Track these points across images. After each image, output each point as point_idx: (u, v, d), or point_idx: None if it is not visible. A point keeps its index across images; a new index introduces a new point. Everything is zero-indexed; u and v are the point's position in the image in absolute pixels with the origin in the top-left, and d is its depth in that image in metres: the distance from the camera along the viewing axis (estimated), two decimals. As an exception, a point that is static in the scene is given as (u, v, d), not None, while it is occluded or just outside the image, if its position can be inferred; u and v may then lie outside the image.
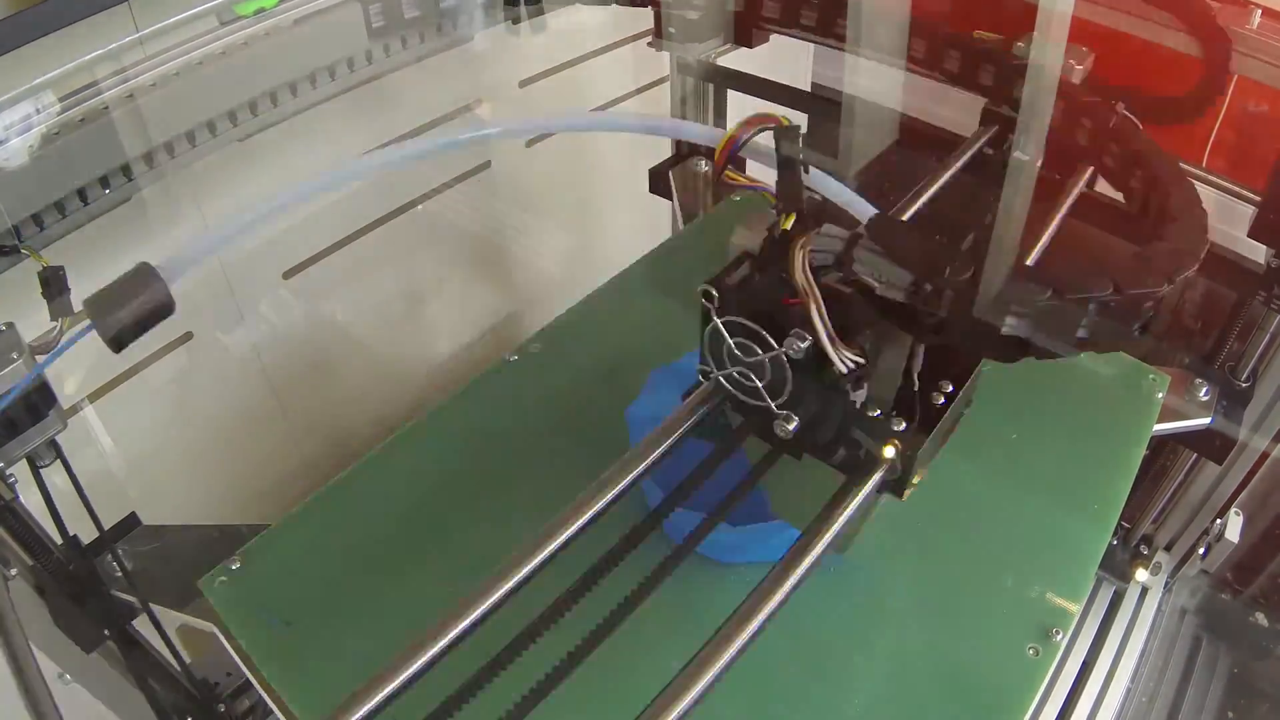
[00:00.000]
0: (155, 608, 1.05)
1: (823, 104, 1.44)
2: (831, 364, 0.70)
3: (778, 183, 0.76)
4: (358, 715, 0.62)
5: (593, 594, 0.70)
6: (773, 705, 0.88)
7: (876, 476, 0.75)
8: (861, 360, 0.71)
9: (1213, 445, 1.23)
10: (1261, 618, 1.61)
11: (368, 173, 0.90)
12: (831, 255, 0.72)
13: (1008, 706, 0.86)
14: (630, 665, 0.75)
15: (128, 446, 1.43)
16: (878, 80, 1.33)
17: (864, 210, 0.78)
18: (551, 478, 0.97)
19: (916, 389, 0.76)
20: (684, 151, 1.68)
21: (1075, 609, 0.93)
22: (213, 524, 1.11)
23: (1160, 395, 1.13)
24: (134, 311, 0.76)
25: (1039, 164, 1.09)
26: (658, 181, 1.66)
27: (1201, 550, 1.55)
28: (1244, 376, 1.24)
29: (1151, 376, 1.14)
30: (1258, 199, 1.11)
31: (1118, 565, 1.60)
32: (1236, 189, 1.20)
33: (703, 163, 1.66)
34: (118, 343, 0.77)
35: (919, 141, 1.28)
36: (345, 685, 0.63)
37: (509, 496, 1.02)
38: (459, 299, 1.97)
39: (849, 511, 0.74)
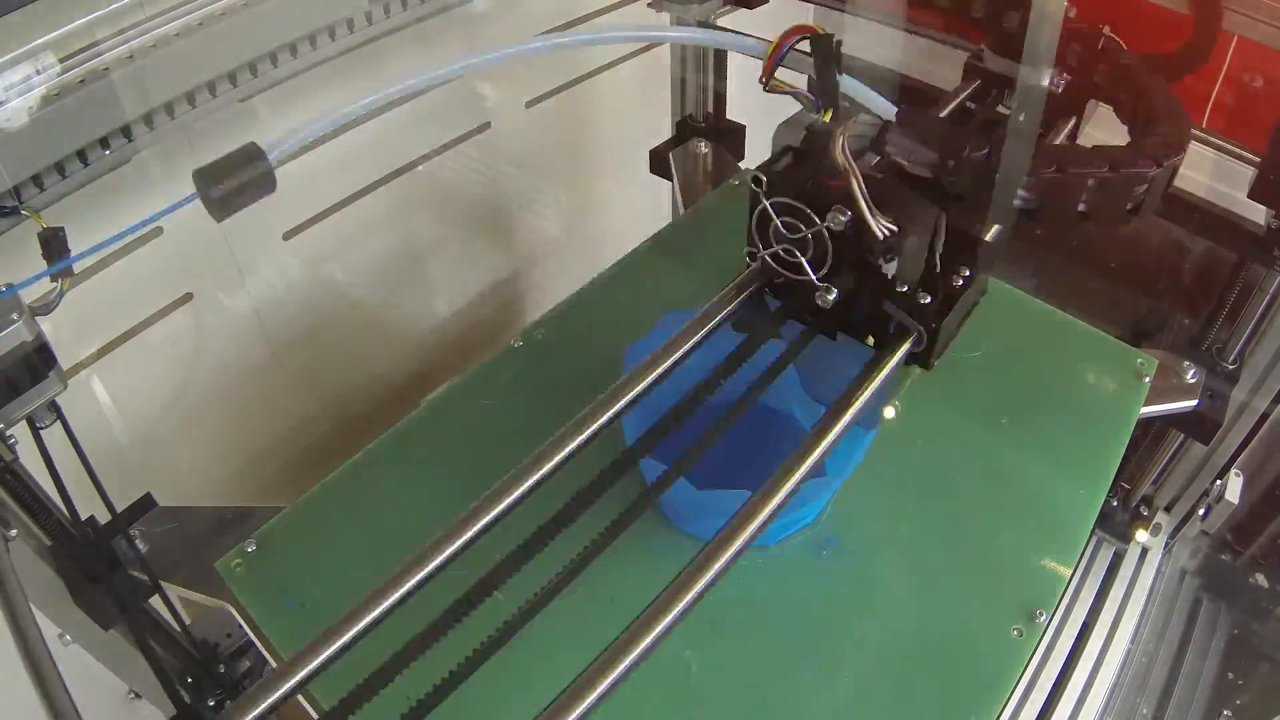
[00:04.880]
0: (167, 583, 1.06)
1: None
2: (868, 236, 0.77)
3: (816, 83, 0.87)
4: (335, 646, 0.63)
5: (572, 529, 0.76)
6: (764, 685, 0.90)
7: (905, 347, 0.84)
8: (895, 228, 0.78)
9: (1200, 426, 1.24)
10: (1261, 578, 1.61)
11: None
12: (867, 140, 0.86)
13: (992, 685, 0.88)
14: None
15: (125, 404, 1.43)
16: (877, 40, 1.32)
17: (887, 108, 0.89)
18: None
19: (939, 270, 0.84)
20: (685, 133, 1.68)
21: (1059, 589, 0.95)
22: (226, 505, 1.12)
23: (1148, 378, 1.14)
24: (240, 180, 0.89)
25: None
26: (658, 163, 1.66)
27: (1201, 511, 1.55)
28: (1231, 359, 1.25)
29: (1139, 360, 1.15)
30: (1258, 160, 1.11)
31: (1117, 526, 1.60)
32: (1236, 150, 1.19)
33: (703, 145, 1.66)
34: (223, 208, 0.88)
35: (919, 101, 1.28)
36: (360, 663, 0.65)
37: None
38: (458, 259, 1.97)
39: (879, 380, 0.82)
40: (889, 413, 1.10)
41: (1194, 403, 1.20)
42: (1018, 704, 1.38)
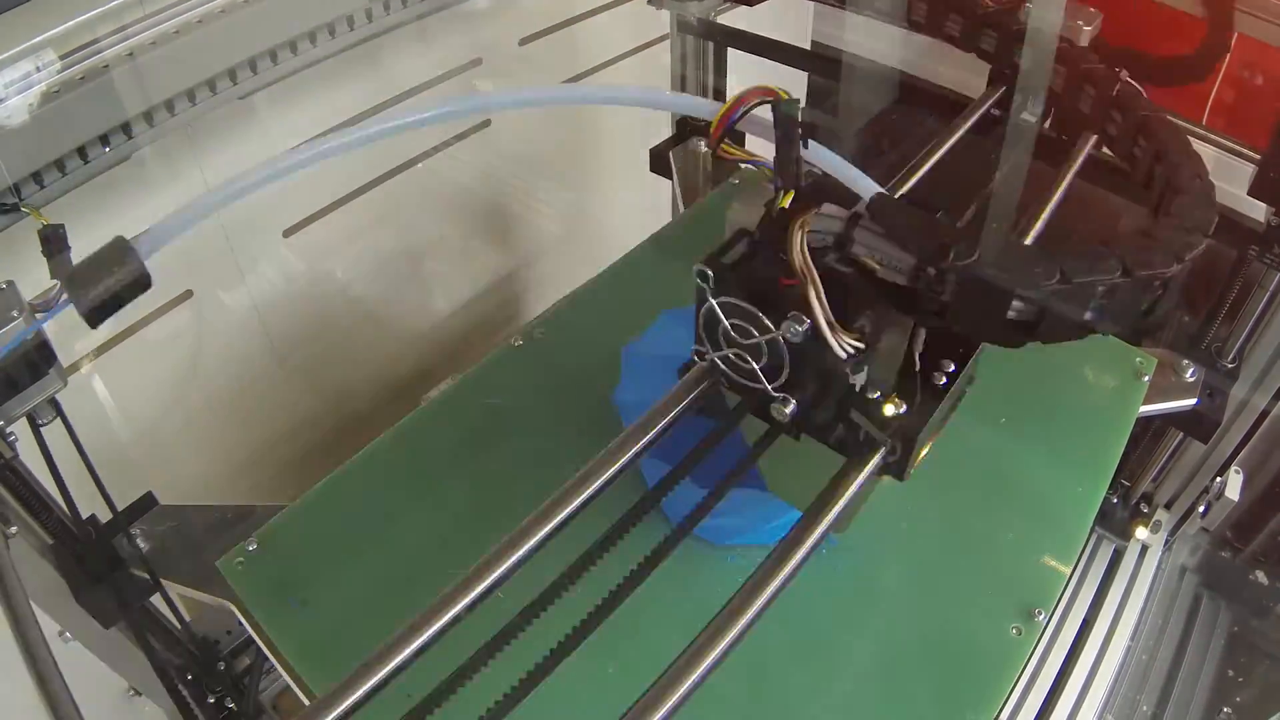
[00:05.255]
0: (167, 581, 1.06)
1: (823, 63, 1.44)
2: (829, 354, 0.70)
3: (776, 158, 0.74)
4: (364, 689, 0.63)
5: (592, 572, 0.70)
6: (764, 682, 0.90)
7: (876, 459, 0.75)
8: (861, 345, 0.70)
9: (1199, 425, 1.24)
10: (1261, 575, 1.61)
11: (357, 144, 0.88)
12: (831, 236, 0.70)
13: (990, 684, 0.89)
14: (631, 648, 0.76)
15: (125, 402, 1.43)
16: (878, 39, 1.32)
17: (865, 185, 0.73)
18: (558, 462, 0.98)
19: (918, 369, 0.75)
20: (685, 132, 1.68)
21: (1058, 588, 0.95)
22: (226, 504, 1.12)
23: (1147, 377, 1.14)
24: (110, 287, 0.75)
25: (1043, 127, 1.09)
26: (658, 162, 1.66)
27: (1201, 508, 1.55)
28: (1230, 357, 1.25)
29: (1138, 359, 1.15)
30: (1258, 157, 1.11)
31: (1117, 523, 1.60)
32: (1236, 147, 1.19)
33: (703, 143, 1.66)
34: (95, 317, 0.75)
35: (919, 100, 1.28)
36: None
37: (517, 481, 1.03)
38: (458, 257, 1.97)
39: (849, 494, 0.74)
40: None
41: (1193, 401, 1.20)
42: (1018, 700, 1.38)
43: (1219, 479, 1.48)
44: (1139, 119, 0.91)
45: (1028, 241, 0.97)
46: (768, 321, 0.71)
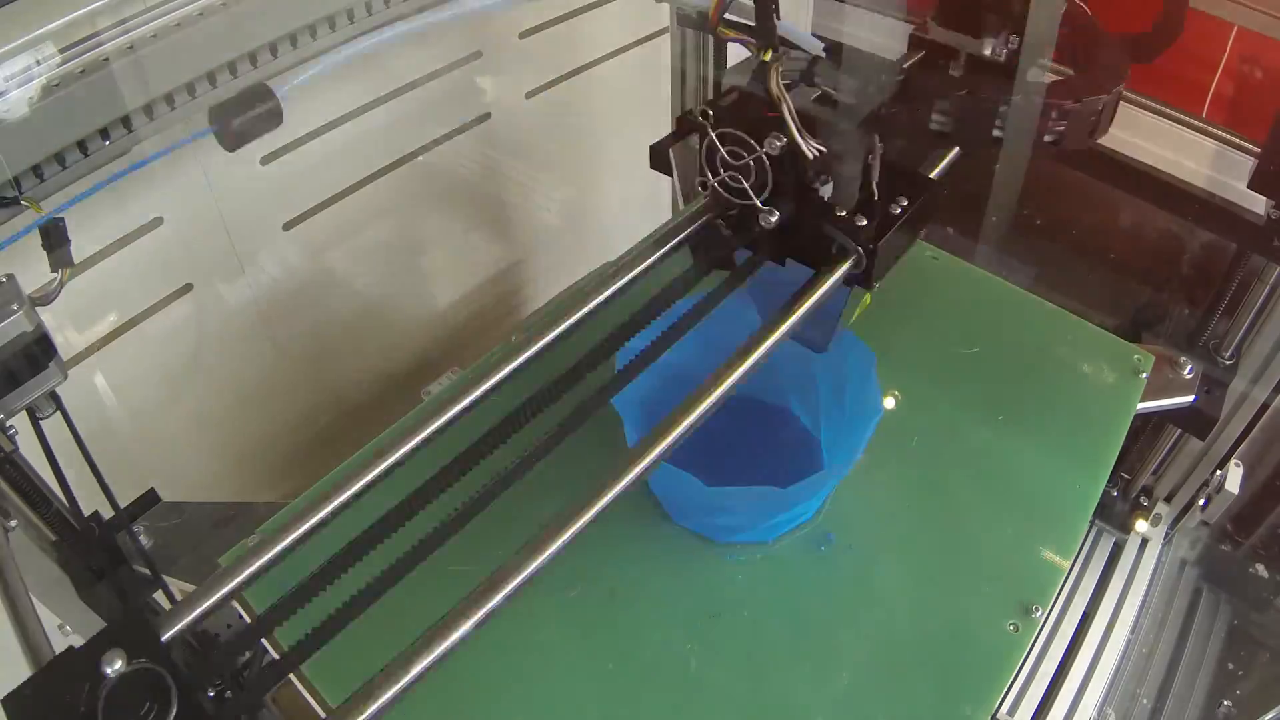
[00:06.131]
0: (168, 576, 1.06)
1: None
2: (803, 160, 0.84)
3: (755, 25, 0.91)
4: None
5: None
6: (763, 679, 0.91)
7: (844, 266, 0.88)
8: (823, 149, 0.84)
9: (1196, 422, 1.24)
10: (1261, 569, 1.61)
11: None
12: (797, 73, 0.95)
13: (988, 680, 0.89)
14: (631, 647, 0.76)
15: (125, 395, 1.43)
16: (876, 31, 1.32)
17: (817, 45, 0.94)
18: (559, 459, 0.98)
19: (876, 198, 0.89)
20: (685, 128, 1.68)
21: (1055, 585, 0.96)
22: (228, 500, 1.12)
23: (1144, 374, 1.14)
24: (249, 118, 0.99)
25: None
26: (658, 159, 1.66)
27: (1202, 501, 1.55)
28: (1229, 354, 1.25)
29: (1136, 355, 1.15)
30: (1257, 150, 1.11)
31: (1117, 516, 1.60)
32: (1236, 140, 1.19)
33: (702, 139, 1.66)
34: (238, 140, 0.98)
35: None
36: (366, 660, 0.66)
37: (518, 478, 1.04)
38: (458, 250, 1.97)
39: (817, 295, 0.87)
40: (888, 403, 1.10)
41: (1190, 399, 1.20)
42: (1018, 693, 1.38)
43: (1219, 472, 1.48)
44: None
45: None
46: (754, 143, 0.86)
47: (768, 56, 0.89)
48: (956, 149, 1.08)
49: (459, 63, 1.69)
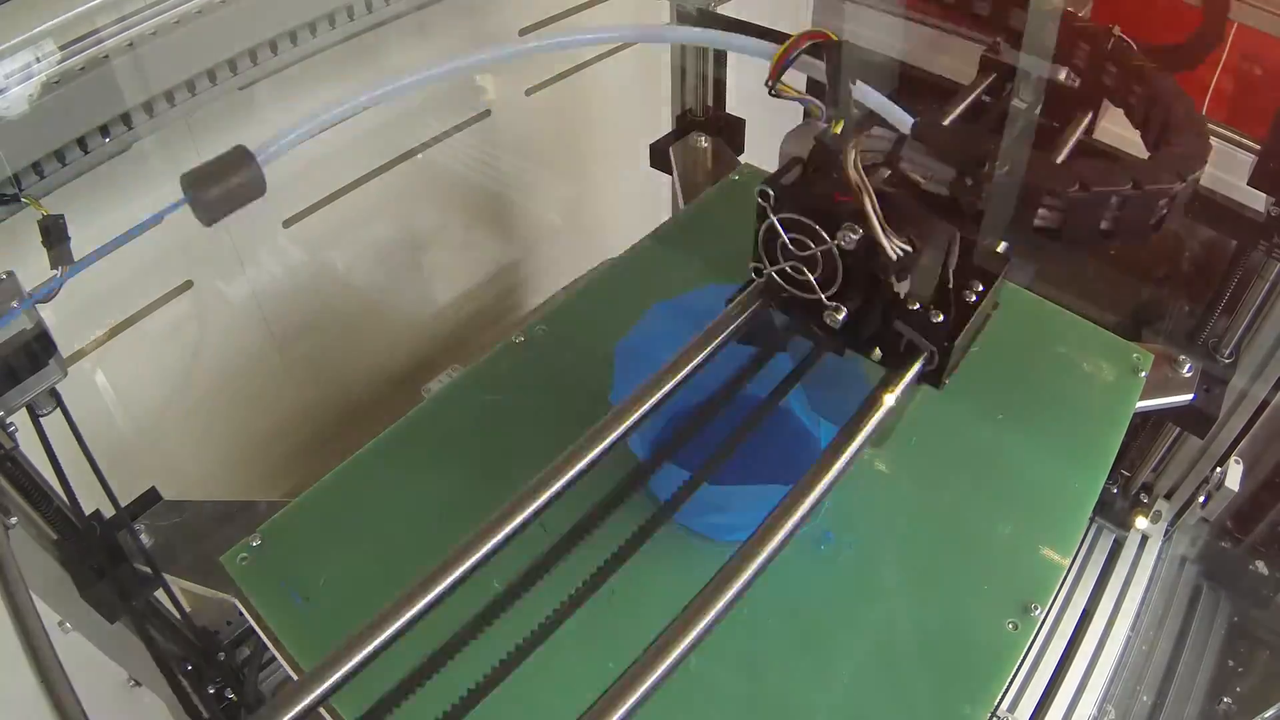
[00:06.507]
0: (168, 574, 1.06)
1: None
2: (880, 256, 0.75)
3: (828, 92, 0.84)
4: (349, 665, 0.64)
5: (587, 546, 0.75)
6: (762, 677, 0.91)
7: (917, 366, 0.81)
8: (909, 248, 0.76)
9: (1195, 421, 1.25)
10: (1261, 566, 1.62)
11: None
12: (880, 154, 0.80)
13: (987, 678, 0.89)
14: (631, 646, 0.76)
15: (125, 393, 1.43)
16: (878, 28, 1.32)
17: (903, 118, 0.83)
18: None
19: (951, 286, 0.82)
20: (685, 126, 1.68)
21: (1055, 583, 0.96)
22: (229, 498, 1.13)
23: (1144, 373, 1.14)
24: (227, 188, 0.87)
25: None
26: (658, 157, 1.66)
27: (1202, 498, 1.55)
28: (1228, 352, 1.25)
29: (1135, 354, 1.15)
30: (1258, 147, 1.11)
31: (1117, 513, 1.61)
32: (1236, 137, 1.19)
33: (703, 139, 1.65)
34: (211, 213, 0.88)
35: (919, 90, 1.28)
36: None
37: (518, 477, 1.04)
38: (458, 247, 1.97)
39: (886, 408, 0.79)
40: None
41: (1189, 397, 1.20)
42: (1018, 691, 1.39)
43: (1219, 469, 1.48)
44: (1133, 69, 0.97)
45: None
46: (824, 234, 0.77)
47: (838, 129, 0.79)
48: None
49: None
